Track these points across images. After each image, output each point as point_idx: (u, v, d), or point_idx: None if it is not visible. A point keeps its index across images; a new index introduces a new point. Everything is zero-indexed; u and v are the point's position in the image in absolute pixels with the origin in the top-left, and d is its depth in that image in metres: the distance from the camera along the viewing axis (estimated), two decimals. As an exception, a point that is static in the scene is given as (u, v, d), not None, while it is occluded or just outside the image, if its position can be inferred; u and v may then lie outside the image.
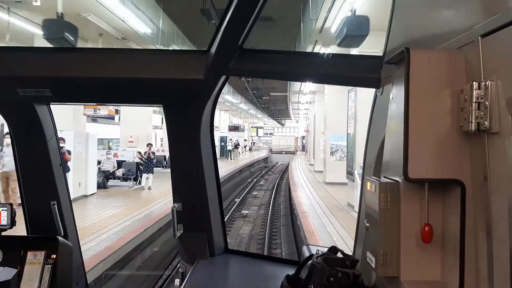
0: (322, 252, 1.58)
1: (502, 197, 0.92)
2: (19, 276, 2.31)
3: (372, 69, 1.78)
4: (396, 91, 1.31)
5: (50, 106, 2.54)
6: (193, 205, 2.59)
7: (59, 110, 2.63)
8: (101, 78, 2.10)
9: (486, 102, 0.97)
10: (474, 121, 1.00)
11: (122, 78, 2.09)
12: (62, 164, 2.67)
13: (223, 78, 2.22)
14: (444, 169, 1.10)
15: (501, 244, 0.93)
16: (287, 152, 65.56)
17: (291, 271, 1.72)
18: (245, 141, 58.99)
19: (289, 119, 71.61)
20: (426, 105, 1.12)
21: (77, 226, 2.82)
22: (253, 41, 2.08)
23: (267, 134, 74.06)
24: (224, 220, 2.88)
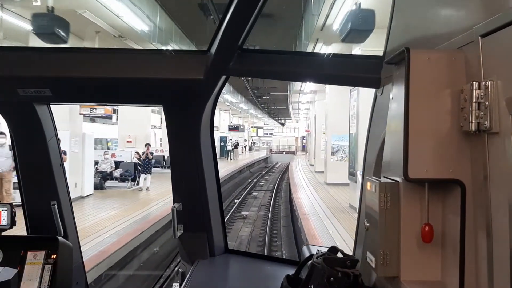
0: (322, 252, 1.57)
1: (502, 197, 0.92)
2: (19, 276, 2.30)
3: (372, 69, 1.79)
4: (396, 91, 1.31)
5: (50, 106, 2.55)
6: (193, 205, 2.59)
7: (55, 109, 2.62)
8: (101, 78, 2.10)
9: (486, 102, 0.97)
10: (474, 121, 1.00)
11: (122, 78, 2.10)
12: (62, 164, 2.68)
13: (223, 78, 2.22)
14: (444, 169, 1.10)
15: (501, 244, 0.93)
16: (287, 152, 65.78)
17: (291, 271, 1.72)
18: (245, 141, 58.91)
19: (289, 119, 71.76)
20: (426, 105, 1.13)
21: None
22: (253, 38, 2.11)
23: (267, 134, 74.11)
24: (224, 220, 2.87)
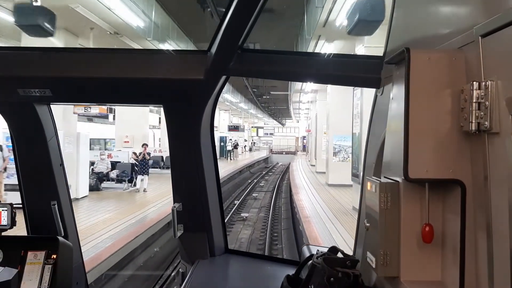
0: (322, 252, 1.57)
1: (503, 197, 0.91)
2: (20, 276, 2.30)
3: (372, 69, 1.79)
4: (396, 91, 1.31)
5: (50, 106, 2.54)
6: (193, 205, 2.59)
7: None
8: (101, 78, 2.11)
9: (486, 102, 0.97)
10: (474, 121, 1.00)
11: (122, 78, 2.10)
12: (62, 164, 2.67)
13: (223, 78, 2.22)
14: (444, 169, 1.10)
15: (501, 244, 0.92)
16: (288, 152, 65.62)
17: (291, 271, 1.72)
18: (245, 141, 58.57)
19: (289, 119, 71.51)
20: (427, 105, 1.12)
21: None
22: (253, 35, 2.08)
23: (268, 134, 73.81)
24: (224, 220, 2.86)
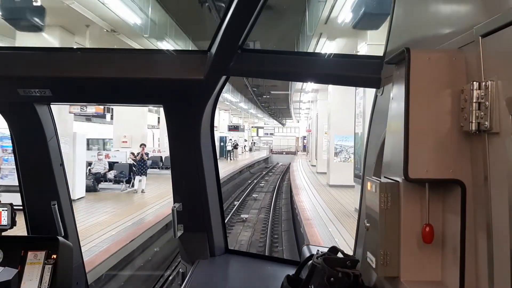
0: (322, 252, 1.57)
1: (503, 197, 0.91)
2: (20, 276, 2.30)
3: (372, 69, 1.79)
4: (396, 91, 1.31)
5: (50, 106, 2.54)
6: (193, 205, 2.60)
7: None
8: (101, 78, 2.11)
9: (487, 102, 0.97)
10: (474, 121, 1.00)
11: (122, 78, 2.11)
12: (62, 164, 2.67)
13: (224, 78, 2.22)
14: (444, 169, 1.10)
15: (501, 244, 0.92)
16: (288, 152, 65.40)
17: (292, 271, 1.72)
18: (245, 141, 58.27)
19: (290, 119, 71.24)
20: (427, 105, 1.12)
21: None
22: (254, 33, 2.05)
23: (268, 134, 73.56)
24: (224, 220, 2.85)
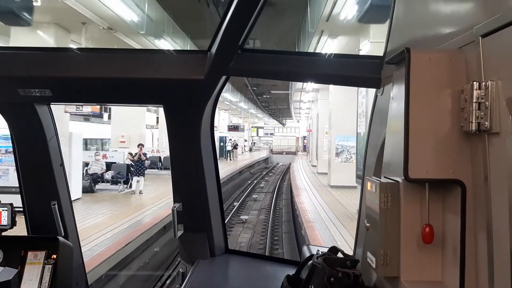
0: (322, 252, 1.56)
1: (503, 197, 0.92)
2: (20, 276, 2.31)
3: (372, 69, 1.79)
4: (396, 91, 1.32)
5: (50, 106, 2.54)
6: (193, 205, 2.60)
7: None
8: (101, 78, 2.12)
9: (487, 102, 0.97)
10: (474, 121, 1.00)
11: (122, 78, 2.11)
12: (62, 164, 2.68)
13: (224, 78, 2.22)
14: (444, 169, 1.10)
15: (501, 244, 0.92)
16: (288, 152, 65.16)
17: (292, 271, 1.72)
18: (245, 141, 58.00)
19: (290, 119, 70.98)
20: (427, 105, 1.12)
21: None
22: (254, 31, 1.95)
23: (268, 134, 73.30)
24: (224, 220, 2.84)
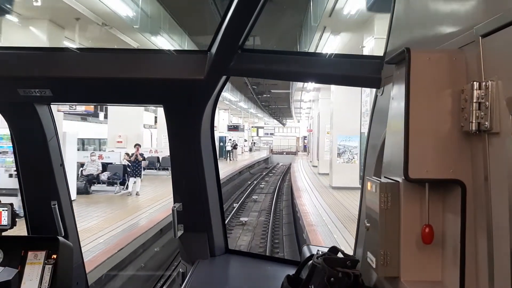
0: (322, 252, 1.57)
1: (503, 197, 0.91)
2: (20, 276, 2.32)
3: (372, 69, 1.79)
4: (396, 91, 1.32)
5: (50, 106, 2.55)
6: (193, 205, 2.61)
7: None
8: (101, 78, 2.13)
9: (487, 102, 0.97)
10: (474, 121, 1.00)
11: (122, 78, 2.12)
12: (62, 164, 2.68)
13: (224, 78, 2.23)
14: (444, 169, 1.10)
15: (501, 244, 0.92)
16: (288, 152, 64.85)
17: (292, 271, 1.72)
18: (245, 141, 57.62)
19: (290, 119, 70.64)
20: (427, 105, 1.12)
21: None
22: (255, 29, 1.94)
23: (268, 134, 72.93)
24: (224, 220, 2.85)
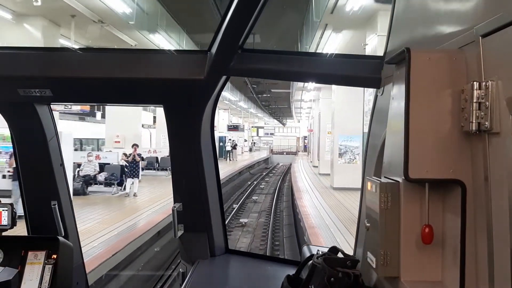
0: (322, 252, 1.57)
1: (503, 197, 0.91)
2: (20, 276, 2.32)
3: (372, 69, 1.79)
4: (396, 91, 1.32)
5: (50, 106, 2.54)
6: (193, 205, 2.60)
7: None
8: (101, 78, 2.13)
9: (487, 102, 0.97)
10: (474, 121, 1.00)
11: (122, 78, 2.12)
12: (62, 164, 2.68)
13: (224, 78, 2.23)
14: (444, 169, 1.10)
15: (501, 244, 0.92)
16: (289, 152, 64.65)
17: (292, 271, 1.72)
18: (245, 141, 57.32)
19: (290, 119, 70.38)
20: (427, 105, 1.12)
21: None
22: (256, 26, 1.92)
23: (268, 134, 72.66)
24: (225, 220, 2.85)
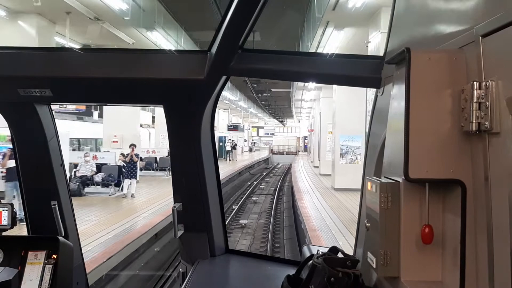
0: (323, 252, 1.57)
1: (503, 197, 0.91)
2: (20, 276, 2.32)
3: (372, 69, 1.80)
4: (397, 91, 1.32)
5: (50, 106, 2.54)
6: (193, 205, 2.60)
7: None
8: (101, 78, 2.13)
9: (487, 102, 0.97)
10: (474, 121, 1.00)
11: (122, 78, 2.13)
12: (62, 164, 2.69)
13: (224, 78, 2.23)
14: (444, 169, 1.10)
15: (501, 244, 0.92)
16: (289, 152, 64.39)
17: (292, 271, 1.72)
18: (245, 141, 57.07)
19: (291, 118, 70.16)
20: (427, 105, 1.12)
21: None
22: (256, 24, 1.91)
23: (268, 134, 72.42)
24: (225, 220, 2.86)
